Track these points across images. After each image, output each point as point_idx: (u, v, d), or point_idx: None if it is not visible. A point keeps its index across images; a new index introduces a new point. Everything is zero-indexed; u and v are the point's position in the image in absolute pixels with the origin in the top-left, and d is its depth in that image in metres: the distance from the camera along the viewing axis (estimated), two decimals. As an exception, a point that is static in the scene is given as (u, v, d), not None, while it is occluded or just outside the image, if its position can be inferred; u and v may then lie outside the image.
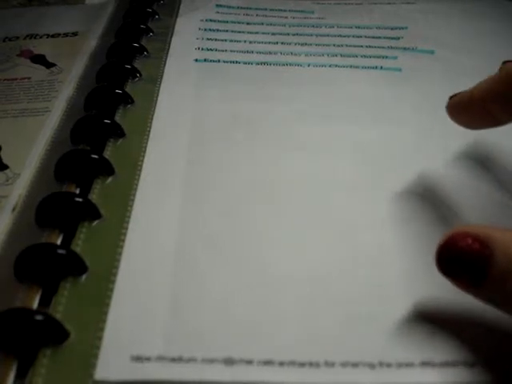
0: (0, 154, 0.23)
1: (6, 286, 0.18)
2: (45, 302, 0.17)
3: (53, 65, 0.29)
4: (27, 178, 0.22)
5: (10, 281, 0.18)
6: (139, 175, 0.21)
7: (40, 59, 0.29)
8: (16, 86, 0.27)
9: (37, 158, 0.23)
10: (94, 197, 0.20)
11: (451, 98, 0.20)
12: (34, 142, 0.24)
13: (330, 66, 0.28)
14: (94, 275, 0.18)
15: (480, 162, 0.23)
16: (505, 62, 0.20)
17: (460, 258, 0.15)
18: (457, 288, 0.15)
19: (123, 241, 0.19)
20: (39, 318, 0.16)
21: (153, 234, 0.19)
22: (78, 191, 0.21)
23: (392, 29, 0.32)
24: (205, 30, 0.31)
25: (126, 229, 0.19)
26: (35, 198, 0.20)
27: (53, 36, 0.31)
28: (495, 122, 0.19)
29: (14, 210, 0.21)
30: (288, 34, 0.31)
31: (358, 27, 0.32)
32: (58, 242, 0.19)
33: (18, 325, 0.16)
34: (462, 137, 0.24)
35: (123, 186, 0.21)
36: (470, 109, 0.19)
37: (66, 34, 0.31)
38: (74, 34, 0.31)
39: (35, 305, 0.17)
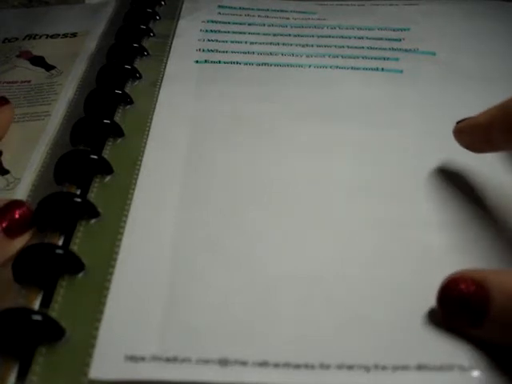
0: (1, 159, 0.23)
1: (7, 289, 0.18)
2: (46, 303, 0.17)
3: (52, 67, 0.29)
4: (28, 182, 0.22)
5: (11, 284, 0.18)
6: (138, 175, 0.22)
7: (39, 61, 0.29)
8: (16, 89, 0.27)
9: (37, 163, 0.23)
10: (92, 196, 0.21)
11: (458, 122, 0.21)
12: (35, 147, 0.24)
13: (331, 67, 0.28)
14: (90, 273, 0.18)
15: (478, 163, 0.23)
16: None
17: (458, 300, 0.16)
18: (457, 329, 0.16)
19: (120, 240, 0.19)
20: (35, 316, 0.16)
21: (150, 234, 0.19)
22: (78, 192, 0.21)
23: (394, 30, 0.32)
24: (206, 31, 0.31)
25: (124, 228, 0.19)
26: (36, 202, 0.20)
27: (52, 37, 0.31)
28: (494, 147, 0.20)
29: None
30: (289, 35, 0.31)
31: (360, 28, 0.32)
32: (58, 241, 0.19)
33: (14, 324, 0.16)
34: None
35: (122, 185, 0.21)
36: (473, 133, 0.20)
37: (65, 35, 0.31)
38: (73, 34, 0.31)
39: (36, 307, 0.17)
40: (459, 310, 0.16)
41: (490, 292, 0.15)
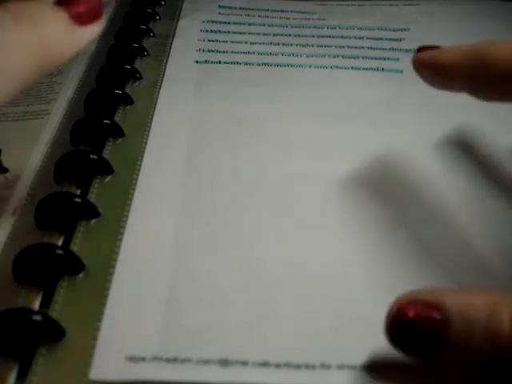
0: (0, 157, 0.23)
1: (7, 289, 0.18)
2: (46, 303, 0.17)
3: None
4: (27, 181, 0.22)
5: (11, 284, 0.18)
6: (138, 175, 0.22)
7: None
8: None
9: (37, 161, 0.23)
10: (92, 196, 0.21)
11: (418, 50, 0.20)
12: (34, 145, 0.24)
13: (331, 67, 0.28)
14: (90, 274, 0.18)
15: (477, 163, 0.23)
16: None
17: (412, 328, 0.14)
18: (411, 360, 0.14)
19: (121, 240, 0.19)
20: (35, 316, 0.16)
21: (150, 234, 0.19)
22: (78, 192, 0.21)
23: (394, 30, 0.32)
24: (206, 31, 0.31)
25: (124, 228, 0.19)
26: (35, 201, 0.20)
27: (52, 36, 0.31)
28: (453, 88, 0.19)
29: (14, 213, 0.21)
30: (289, 35, 0.31)
31: (360, 28, 0.32)
32: (59, 242, 0.19)
33: (14, 324, 0.16)
34: (463, 138, 0.24)
35: (122, 185, 0.21)
36: (433, 71, 0.20)
37: None
38: None
39: (36, 307, 0.17)
40: (412, 338, 0.14)
41: (449, 318, 0.14)
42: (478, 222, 0.20)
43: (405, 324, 0.14)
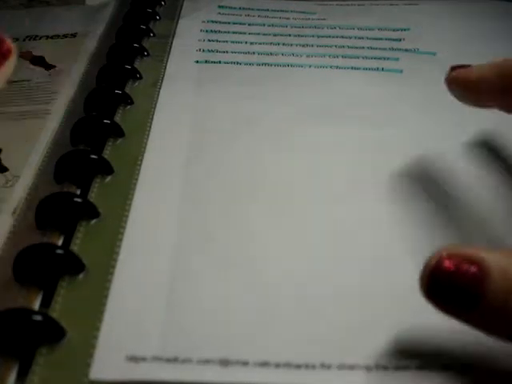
0: (0, 157, 0.23)
1: (7, 289, 0.18)
2: (46, 303, 0.17)
3: (52, 66, 0.29)
4: (27, 180, 0.22)
5: (11, 284, 0.18)
6: (138, 175, 0.22)
7: (40, 61, 0.29)
8: (16, 88, 0.27)
9: (37, 161, 0.23)
10: (92, 196, 0.21)
11: (452, 69, 0.21)
12: (34, 145, 0.24)
13: (331, 67, 0.28)
14: (91, 274, 0.18)
15: (476, 163, 0.23)
16: None
17: (451, 282, 0.14)
18: (445, 315, 0.14)
19: (121, 240, 0.19)
20: (35, 316, 0.16)
21: (150, 234, 0.19)
22: (78, 192, 0.21)
23: (394, 30, 0.32)
24: (206, 31, 0.31)
25: (124, 228, 0.19)
26: (35, 201, 0.20)
27: (52, 37, 0.31)
28: (484, 105, 0.20)
29: (14, 212, 0.21)
30: (289, 35, 0.31)
31: (360, 28, 0.32)
32: (59, 242, 0.19)
33: (14, 324, 0.16)
34: (463, 138, 0.24)
35: (122, 185, 0.21)
36: (465, 88, 0.20)
37: (65, 35, 0.32)
38: (73, 35, 0.32)
39: (36, 307, 0.17)
40: (449, 292, 0.14)
41: (489, 275, 0.13)
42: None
43: (442, 276, 0.14)
